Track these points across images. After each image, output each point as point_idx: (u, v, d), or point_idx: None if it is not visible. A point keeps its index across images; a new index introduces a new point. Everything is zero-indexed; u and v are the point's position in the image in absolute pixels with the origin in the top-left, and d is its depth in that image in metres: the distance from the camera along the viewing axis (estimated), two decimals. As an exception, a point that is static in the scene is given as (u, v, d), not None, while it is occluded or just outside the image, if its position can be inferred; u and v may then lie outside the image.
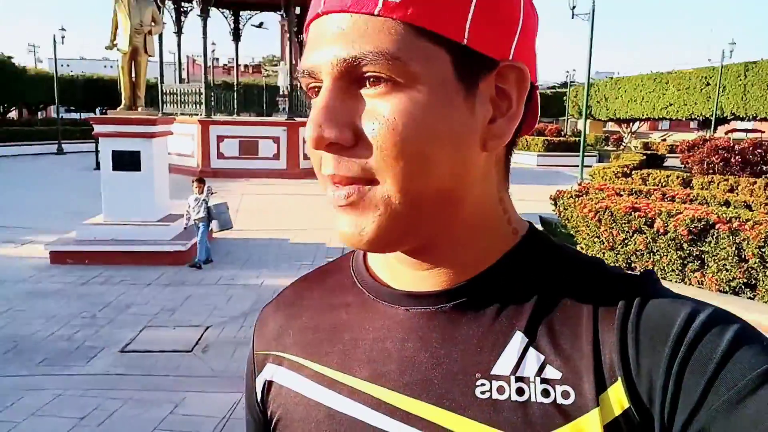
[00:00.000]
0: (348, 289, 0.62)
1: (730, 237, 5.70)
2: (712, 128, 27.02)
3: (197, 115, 17.41)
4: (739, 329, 0.45)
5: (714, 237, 5.84)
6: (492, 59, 0.50)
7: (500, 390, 0.49)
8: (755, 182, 11.92)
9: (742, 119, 28.62)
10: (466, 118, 0.50)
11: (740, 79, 26.77)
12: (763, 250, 5.47)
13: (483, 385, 0.50)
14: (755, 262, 5.56)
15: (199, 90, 17.63)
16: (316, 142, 0.48)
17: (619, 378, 0.46)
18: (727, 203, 8.43)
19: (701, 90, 29.09)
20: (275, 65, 37.40)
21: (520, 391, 0.49)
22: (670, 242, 6.17)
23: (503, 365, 0.50)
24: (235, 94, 19.77)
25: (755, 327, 0.47)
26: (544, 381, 0.49)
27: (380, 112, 0.47)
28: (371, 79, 0.47)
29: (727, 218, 5.87)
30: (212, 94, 18.12)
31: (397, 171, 0.48)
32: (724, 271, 5.80)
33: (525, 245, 0.57)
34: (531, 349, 0.50)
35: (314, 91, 0.52)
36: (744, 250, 5.62)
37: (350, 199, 0.49)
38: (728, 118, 28.80)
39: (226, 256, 8.15)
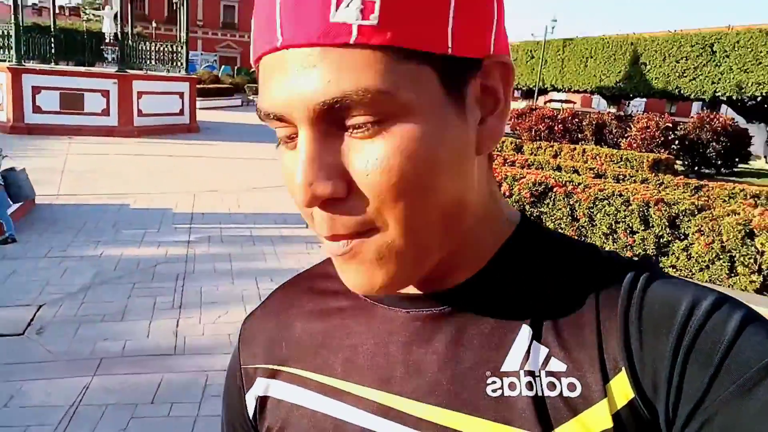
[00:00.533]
0: (340, 294, 0.58)
1: (565, 199, 6.32)
2: (535, 98, 29.59)
3: (5, 61, 15.09)
4: (743, 317, 0.44)
5: (551, 199, 6.44)
6: (475, 59, 0.45)
7: (512, 386, 0.48)
8: (575, 148, 13.35)
9: (560, 90, 31.75)
10: (461, 132, 0.45)
11: (559, 54, 29.54)
12: (591, 210, 6.14)
13: (494, 383, 0.48)
14: (585, 222, 6.23)
15: (8, 32, 15.22)
16: (308, 202, 0.43)
17: (623, 368, 0.45)
18: (559, 168, 9.33)
19: (527, 62, 31.64)
20: (97, 9, 33.55)
21: (529, 386, 0.47)
22: (514, 204, 6.67)
23: (512, 361, 0.49)
24: (53, 39, 17.43)
25: (759, 313, 0.46)
26: (549, 374, 0.47)
27: (372, 154, 0.42)
28: (356, 121, 0.42)
29: (563, 182, 6.49)
30: (24, 37, 15.77)
31: (398, 213, 0.44)
32: (560, 230, 6.42)
33: (520, 235, 0.55)
34: (535, 342, 0.49)
35: (287, 137, 0.46)
36: (576, 211, 6.27)
37: (352, 251, 0.46)
38: (548, 89, 31.75)
39: (54, 224, 7.25)
